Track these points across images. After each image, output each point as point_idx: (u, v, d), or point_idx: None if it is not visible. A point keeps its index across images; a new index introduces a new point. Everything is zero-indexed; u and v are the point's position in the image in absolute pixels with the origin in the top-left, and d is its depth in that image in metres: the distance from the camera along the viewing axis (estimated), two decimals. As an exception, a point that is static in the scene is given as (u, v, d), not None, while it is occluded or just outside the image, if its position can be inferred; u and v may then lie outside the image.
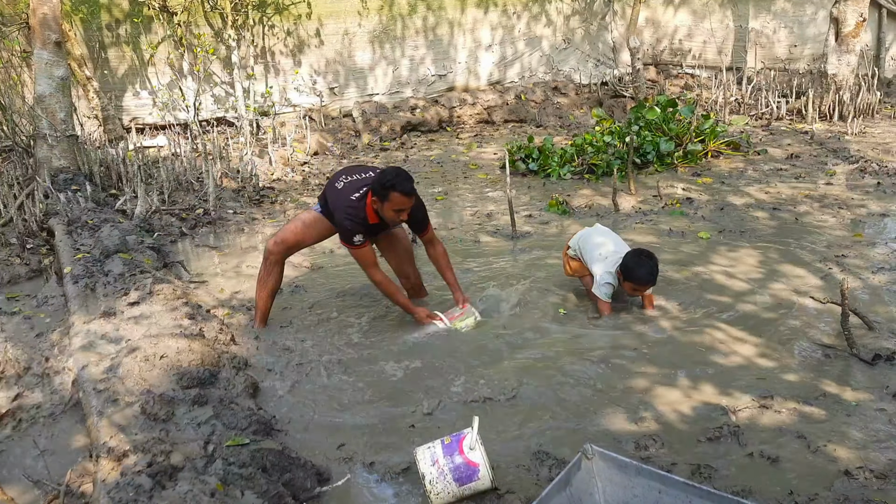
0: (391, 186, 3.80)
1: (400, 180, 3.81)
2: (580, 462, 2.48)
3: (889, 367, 3.56)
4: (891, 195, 6.53)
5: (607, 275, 4.20)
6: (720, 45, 12.20)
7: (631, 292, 4.24)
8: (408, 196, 3.85)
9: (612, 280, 4.21)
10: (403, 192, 3.81)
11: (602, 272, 4.21)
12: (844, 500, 2.65)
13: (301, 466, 2.89)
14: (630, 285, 4.15)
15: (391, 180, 3.80)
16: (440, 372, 3.77)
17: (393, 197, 3.82)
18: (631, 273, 4.09)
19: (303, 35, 10.42)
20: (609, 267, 4.22)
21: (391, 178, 3.81)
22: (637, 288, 4.16)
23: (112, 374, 3.41)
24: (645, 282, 4.11)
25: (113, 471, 2.68)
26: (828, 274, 4.81)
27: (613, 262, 4.22)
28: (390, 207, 3.86)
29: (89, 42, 9.36)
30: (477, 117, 11.13)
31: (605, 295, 4.25)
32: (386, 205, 3.86)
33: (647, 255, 4.12)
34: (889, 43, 11.72)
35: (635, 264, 4.08)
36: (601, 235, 4.47)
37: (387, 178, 3.82)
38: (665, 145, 7.85)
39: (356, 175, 4.09)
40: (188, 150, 8.37)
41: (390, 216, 3.93)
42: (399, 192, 3.81)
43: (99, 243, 5.15)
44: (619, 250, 4.30)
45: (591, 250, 4.36)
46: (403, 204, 3.87)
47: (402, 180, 3.81)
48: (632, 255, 4.15)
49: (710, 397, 3.42)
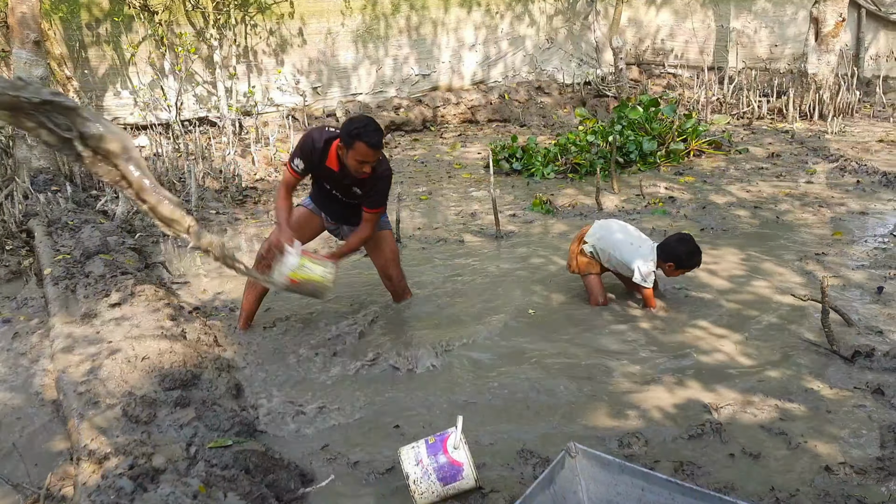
0: (357, 136, 3.65)
1: (367, 131, 3.66)
2: (564, 460, 2.48)
3: (868, 363, 3.60)
4: (870, 193, 6.60)
5: (651, 264, 4.22)
6: (702, 45, 12.28)
7: (670, 274, 4.29)
8: (373, 148, 3.69)
9: (653, 267, 4.24)
10: (369, 143, 3.67)
11: (644, 263, 4.20)
12: (825, 495, 2.67)
13: (285, 467, 2.87)
14: (682, 271, 4.26)
15: (358, 129, 3.66)
16: (424, 373, 3.77)
17: (357, 146, 3.68)
18: (685, 262, 4.18)
19: (285, 34, 10.38)
20: (648, 256, 4.22)
21: (359, 127, 3.67)
22: (683, 271, 4.26)
23: (93, 377, 3.38)
24: (698, 265, 4.24)
25: (94, 474, 2.65)
26: (808, 272, 4.85)
27: (648, 250, 4.25)
28: (353, 156, 3.72)
29: (69, 41, 9.27)
30: (461, 117, 11.14)
31: (651, 282, 4.27)
32: (350, 153, 3.72)
33: (691, 240, 4.23)
34: (868, 42, 11.85)
35: (690, 251, 4.17)
36: (621, 230, 4.43)
37: (354, 125, 3.69)
38: (648, 144, 7.90)
39: (329, 127, 4.04)
40: (170, 150, 8.31)
41: (353, 165, 3.78)
42: (365, 142, 3.66)
43: (79, 244, 5.10)
44: (643, 238, 4.36)
45: (620, 245, 4.31)
46: (367, 156, 3.72)
47: (369, 131, 3.67)
48: (681, 242, 4.21)
49: (692, 395, 3.44)
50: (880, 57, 12.00)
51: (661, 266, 4.25)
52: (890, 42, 11.97)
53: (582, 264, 4.46)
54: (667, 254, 4.20)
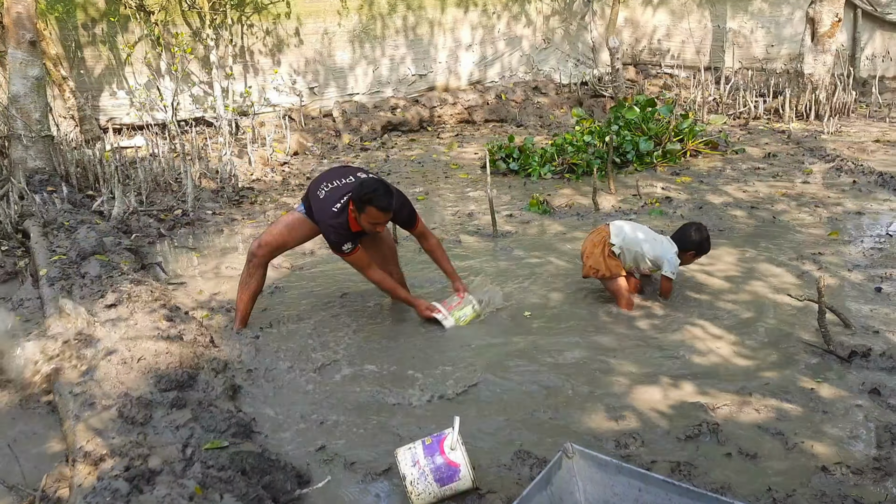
0: (368, 201, 3.81)
1: (378, 195, 3.81)
2: (561, 461, 2.48)
3: (865, 363, 3.60)
4: (866, 193, 6.61)
5: (676, 258, 4.39)
6: (698, 45, 12.30)
7: (687, 262, 4.52)
8: (384, 212, 3.86)
9: (679, 261, 4.42)
10: (380, 207, 3.82)
11: (673, 257, 4.38)
12: (822, 495, 2.67)
13: (281, 469, 2.87)
14: (694, 256, 4.48)
15: (369, 194, 3.80)
16: (420, 373, 3.76)
17: (370, 211, 3.84)
18: (704, 247, 4.44)
19: (282, 34, 10.37)
20: (672, 250, 4.40)
21: (369, 193, 3.81)
22: (698, 256, 4.52)
23: (89, 378, 3.37)
24: (707, 250, 4.50)
25: (89, 475, 2.64)
26: (805, 272, 4.86)
27: (670, 244, 4.43)
28: (367, 220, 3.89)
29: (65, 41, 9.26)
30: (458, 117, 11.14)
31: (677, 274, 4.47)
32: (363, 216, 3.88)
33: (703, 227, 4.50)
34: (864, 43, 11.87)
35: (703, 237, 4.42)
36: (638, 227, 4.55)
37: (365, 191, 3.82)
38: (644, 145, 7.90)
39: (337, 181, 4.07)
40: (166, 150, 8.30)
41: (367, 227, 3.95)
42: (376, 207, 3.82)
43: (75, 245, 5.09)
44: (658, 235, 4.54)
45: (645, 244, 4.41)
46: (379, 219, 3.90)
47: (379, 195, 3.81)
48: (698, 231, 4.43)
49: (689, 395, 3.44)
50: (876, 57, 12.02)
51: (680, 256, 4.41)
52: (886, 42, 11.99)
53: (613, 267, 4.40)
54: (686, 244, 4.41)
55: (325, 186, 4.07)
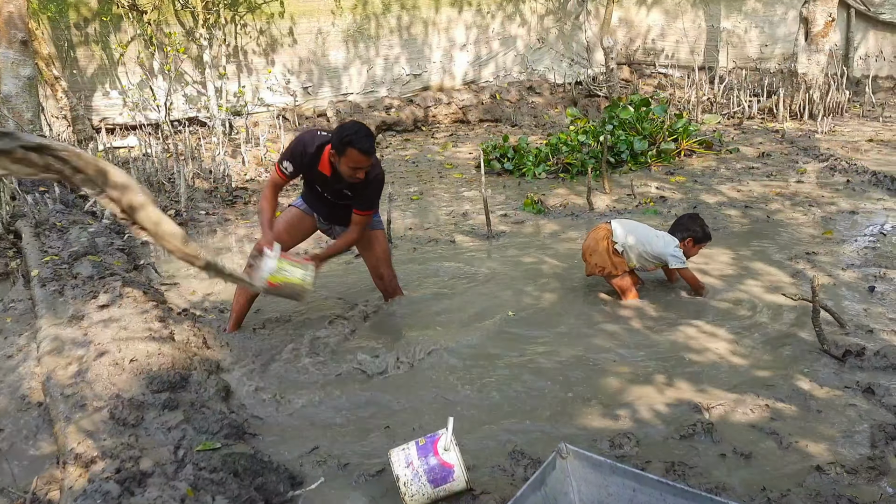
0: (349, 142, 3.67)
1: (359, 137, 3.68)
2: (555, 461, 2.47)
3: (859, 362, 3.60)
4: (860, 192, 6.62)
5: (679, 249, 4.42)
6: (692, 45, 12.31)
7: (691, 252, 4.55)
8: (365, 154, 3.71)
9: (682, 251, 4.45)
10: (361, 149, 3.68)
11: (673, 248, 4.40)
12: (816, 495, 2.67)
13: (274, 470, 2.85)
14: (700, 247, 4.56)
15: (350, 136, 3.67)
16: (414, 374, 3.75)
17: (350, 153, 3.70)
18: (703, 234, 4.50)
19: (275, 34, 10.34)
20: (673, 242, 4.43)
21: (350, 134, 3.68)
22: (700, 247, 4.57)
23: (80, 379, 3.35)
24: (711, 237, 4.59)
25: (80, 477, 2.62)
26: (799, 271, 4.86)
27: (671, 237, 4.47)
28: (346, 163, 3.75)
29: (57, 41, 9.22)
30: (452, 117, 11.13)
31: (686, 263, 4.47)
32: (342, 160, 3.75)
33: (699, 215, 4.63)
34: (857, 42, 11.91)
35: (702, 225, 4.51)
36: (637, 224, 4.60)
37: (346, 132, 3.70)
38: (639, 144, 7.90)
39: (322, 131, 4.03)
40: (159, 150, 8.26)
41: (346, 171, 3.79)
42: (357, 148, 3.68)
43: (67, 245, 5.06)
44: (656, 230, 4.57)
45: (648, 240, 4.44)
46: (360, 162, 3.74)
47: (361, 137, 3.68)
48: (693, 220, 4.53)
49: (683, 395, 3.43)
50: (869, 57, 12.06)
51: (683, 247, 4.45)
52: (879, 42, 12.03)
53: (619, 264, 4.45)
54: (683, 232, 4.48)
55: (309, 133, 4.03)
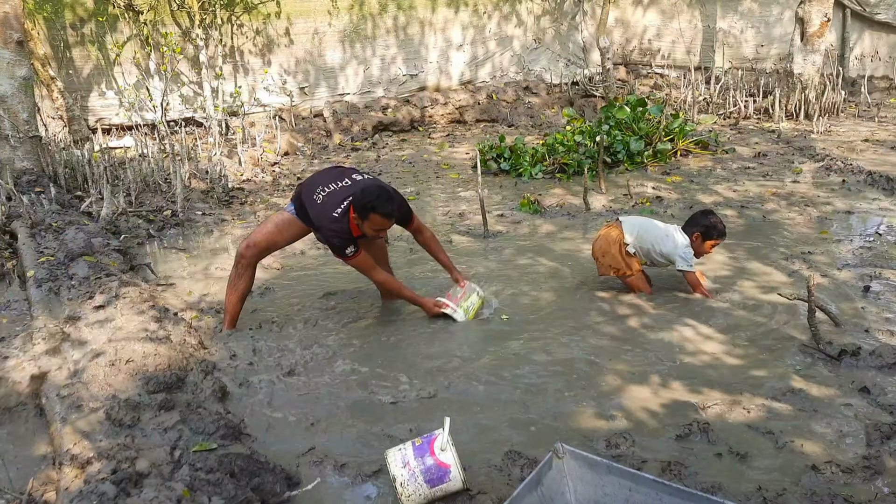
0: (371, 209, 3.85)
1: (381, 202, 3.86)
2: (551, 461, 2.48)
3: (855, 362, 3.61)
4: (855, 192, 6.64)
5: (689, 249, 4.42)
6: (689, 45, 12.33)
7: (709, 251, 4.54)
8: (388, 218, 3.92)
9: (693, 252, 4.45)
10: (383, 214, 3.88)
11: (683, 249, 4.40)
12: (812, 494, 2.67)
13: (270, 471, 2.85)
14: (711, 244, 4.47)
15: (372, 202, 3.85)
16: (410, 374, 3.75)
17: (372, 218, 3.88)
18: (714, 231, 4.43)
19: (272, 34, 10.34)
20: (683, 242, 4.43)
21: (372, 200, 3.85)
22: (715, 244, 4.50)
23: (76, 380, 3.35)
24: (725, 234, 4.50)
25: (76, 478, 2.62)
26: (794, 271, 4.87)
27: (681, 236, 4.46)
28: (370, 227, 3.94)
29: (53, 41, 9.20)
30: (449, 117, 11.13)
31: (694, 265, 4.46)
32: (366, 224, 3.93)
33: (713, 212, 4.56)
34: (853, 42, 11.93)
35: (715, 222, 4.45)
36: (648, 222, 4.61)
37: (367, 199, 3.86)
38: (635, 144, 7.91)
39: (333, 185, 4.07)
40: (155, 150, 8.25)
41: (370, 233, 4.01)
42: (379, 214, 3.87)
43: (63, 246, 5.05)
44: (668, 227, 4.56)
45: (658, 240, 4.46)
46: (382, 225, 3.95)
47: (382, 202, 3.86)
48: (706, 215, 4.49)
49: (679, 395, 3.44)
50: (865, 57, 12.08)
51: (692, 243, 4.44)
52: (874, 42, 12.05)
53: (632, 263, 4.51)
54: (692, 227, 4.46)
55: (321, 191, 4.05)
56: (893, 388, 3.37)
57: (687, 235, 4.44)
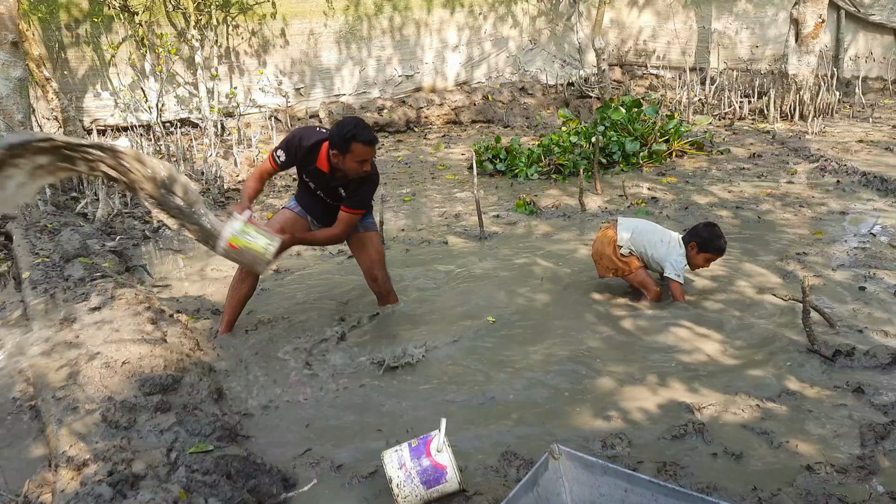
0: (352, 137, 3.68)
1: (360, 129, 3.70)
2: (547, 462, 2.48)
3: (849, 362, 3.62)
4: (850, 193, 6.66)
5: (682, 258, 4.35)
6: (684, 46, 12.35)
7: (704, 264, 4.44)
8: (370, 146, 3.75)
9: (685, 262, 4.37)
10: (365, 141, 3.71)
11: (675, 256, 4.34)
12: (807, 494, 2.68)
13: (267, 472, 2.85)
14: (706, 256, 4.37)
15: (351, 130, 3.69)
16: (407, 375, 3.76)
17: (355, 148, 3.71)
18: (711, 244, 4.33)
19: (267, 35, 10.33)
20: (678, 250, 4.37)
21: (351, 129, 3.69)
22: (711, 259, 4.40)
23: (72, 381, 3.34)
24: (723, 250, 4.37)
25: (72, 480, 2.62)
26: (789, 271, 4.88)
27: (677, 244, 4.40)
28: (352, 159, 3.76)
29: (48, 42, 9.18)
30: (444, 118, 11.14)
31: (683, 278, 4.39)
32: (347, 157, 3.75)
33: (718, 226, 4.43)
34: (847, 43, 11.97)
35: (714, 235, 4.34)
36: (646, 225, 4.56)
37: (346, 128, 3.70)
38: (630, 145, 7.93)
39: (320, 128, 4.03)
40: (151, 151, 8.25)
41: (353, 167, 3.80)
42: (361, 141, 3.70)
43: (59, 247, 5.04)
44: (669, 233, 4.50)
45: (653, 244, 4.41)
46: (366, 154, 3.77)
47: (361, 129, 3.71)
48: (706, 227, 4.39)
49: (674, 395, 3.45)
50: (859, 58, 12.12)
51: (688, 253, 4.37)
52: (869, 43, 12.09)
53: (629, 261, 4.46)
54: (690, 236, 4.41)
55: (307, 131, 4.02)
56: (888, 388, 3.38)
57: (685, 245, 4.40)
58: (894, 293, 4.44)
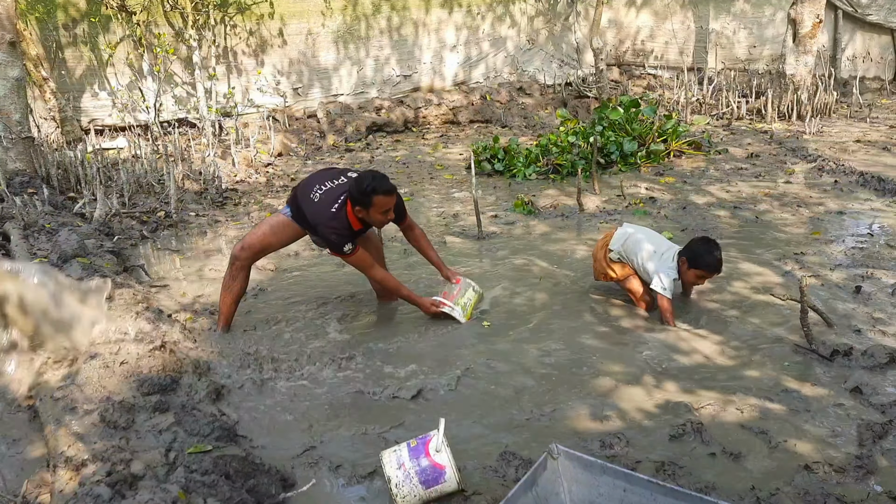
0: (372, 191, 3.82)
1: (378, 183, 3.83)
2: (546, 462, 2.49)
3: (847, 362, 3.63)
4: (848, 193, 6.67)
5: (671, 271, 4.17)
6: (681, 46, 12.36)
7: (695, 281, 4.23)
8: (390, 195, 3.89)
9: (675, 276, 4.19)
10: (385, 192, 3.85)
11: (665, 269, 4.16)
12: (805, 494, 2.69)
13: (265, 472, 2.85)
14: (697, 273, 4.15)
15: (370, 184, 3.81)
16: (405, 375, 3.76)
17: (377, 201, 3.85)
18: (701, 260, 4.10)
19: (265, 35, 10.32)
20: (669, 263, 4.19)
21: (370, 183, 3.82)
22: (703, 276, 4.17)
23: (70, 382, 3.33)
24: (714, 268, 4.12)
25: (71, 480, 2.62)
26: (787, 271, 4.89)
27: (670, 257, 4.22)
28: (376, 212, 3.90)
29: (45, 42, 9.16)
30: (442, 118, 11.13)
31: (670, 292, 4.19)
32: (372, 210, 3.89)
33: (714, 243, 4.16)
34: (845, 43, 11.98)
35: (706, 251, 4.10)
36: (646, 234, 4.40)
37: (365, 184, 3.83)
38: (628, 145, 7.93)
39: (329, 183, 4.07)
40: (149, 151, 8.24)
41: (378, 219, 3.97)
42: (381, 194, 3.84)
43: (57, 248, 5.04)
44: (670, 246, 4.31)
45: (642, 251, 4.27)
46: (388, 204, 3.91)
47: (380, 182, 3.84)
48: (700, 242, 4.18)
49: (673, 395, 3.45)
50: (857, 58, 12.14)
51: (680, 268, 4.19)
52: (866, 43, 12.11)
53: (618, 268, 4.38)
54: (684, 251, 4.21)
55: (318, 189, 4.04)
56: (885, 387, 3.39)
57: (680, 257, 4.19)
58: (892, 293, 4.45)
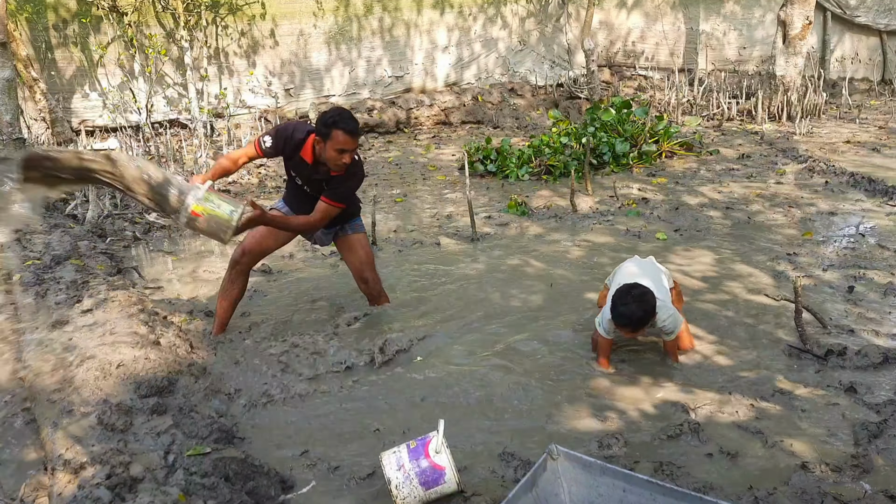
0: (333, 124, 3.67)
1: (343, 118, 3.69)
2: (545, 463, 2.50)
3: (841, 362, 3.66)
4: (838, 193, 6.72)
5: (607, 311, 3.55)
6: (672, 47, 12.42)
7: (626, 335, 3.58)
8: (351, 135, 3.70)
9: (609, 317, 3.54)
10: (346, 129, 3.67)
11: (606, 309, 3.58)
12: (802, 493, 2.71)
13: (264, 474, 2.85)
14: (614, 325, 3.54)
15: (333, 117, 3.68)
16: (404, 376, 3.76)
17: (335, 135, 3.68)
18: (613, 308, 3.46)
19: (257, 36, 10.30)
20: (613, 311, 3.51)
21: (334, 116, 3.69)
22: (619, 328, 3.52)
23: (66, 384, 3.32)
24: (619, 323, 3.45)
25: (69, 484, 2.61)
26: (780, 272, 4.92)
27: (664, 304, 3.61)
28: (332, 147, 3.71)
29: (35, 43, 9.11)
30: (434, 119, 11.14)
31: (604, 330, 3.63)
32: (328, 144, 3.71)
33: (636, 294, 3.44)
34: (834, 45, 12.07)
35: (617, 298, 3.45)
36: (636, 267, 3.91)
37: (329, 116, 3.70)
38: (620, 146, 7.96)
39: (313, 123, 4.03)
40: (140, 152, 8.21)
41: (332, 156, 3.75)
42: (342, 129, 3.67)
43: (49, 250, 5.01)
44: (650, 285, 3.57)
45: (613, 284, 3.79)
46: (346, 144, 3.71)
47: (344, 118, 3.69)
48: (619, 289, 3.51)
49: (670, 395, 3.47)
50: (846, 59, 12.23)
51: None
52: (855, 44, 12.21)
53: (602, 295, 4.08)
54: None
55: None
56: (879, 387, 3.42)
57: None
58: (884, 293, 4.49)
